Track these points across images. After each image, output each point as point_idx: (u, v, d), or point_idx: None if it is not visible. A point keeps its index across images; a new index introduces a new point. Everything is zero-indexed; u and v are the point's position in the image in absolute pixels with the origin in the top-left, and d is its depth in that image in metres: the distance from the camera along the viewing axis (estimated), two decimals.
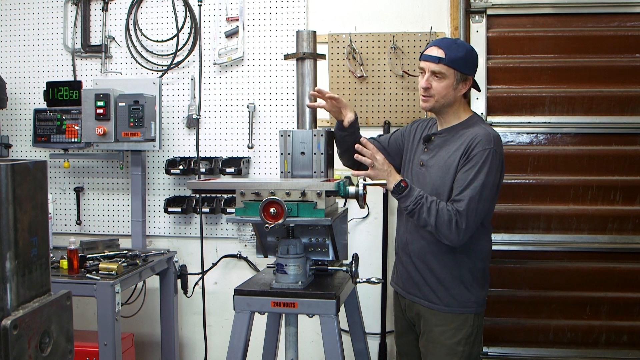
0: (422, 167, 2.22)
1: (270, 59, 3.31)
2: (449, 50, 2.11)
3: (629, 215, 3.08)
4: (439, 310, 2.18)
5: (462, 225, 2.02)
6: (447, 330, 2.16)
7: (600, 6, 3.06)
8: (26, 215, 0.86)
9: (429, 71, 2.13)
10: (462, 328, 2.16)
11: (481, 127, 2.16)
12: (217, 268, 3.42)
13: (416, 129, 2.36)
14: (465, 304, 2.18)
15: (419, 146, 2.28)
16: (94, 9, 3.47)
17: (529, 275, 3.13)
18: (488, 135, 2.09)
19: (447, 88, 2.13)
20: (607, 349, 3.11)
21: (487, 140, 2.07)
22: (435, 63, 2.11)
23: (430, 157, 2.21)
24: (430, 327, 2.20)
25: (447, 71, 2.11)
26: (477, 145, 2.06)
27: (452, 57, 2.10)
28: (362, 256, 2.56)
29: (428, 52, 2.15)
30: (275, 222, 2.00)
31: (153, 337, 3.47)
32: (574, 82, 3.10)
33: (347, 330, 2.59)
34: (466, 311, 2.17)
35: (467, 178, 2.05)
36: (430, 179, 2.17)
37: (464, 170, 2.07)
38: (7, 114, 3.54)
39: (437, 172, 2.15)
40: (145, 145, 3.15)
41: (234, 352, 2.18)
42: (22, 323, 0.82)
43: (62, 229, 3.51)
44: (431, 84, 2.13)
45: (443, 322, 2.17)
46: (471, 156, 2.06)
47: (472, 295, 2.18)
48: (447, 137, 2.20)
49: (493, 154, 2.06)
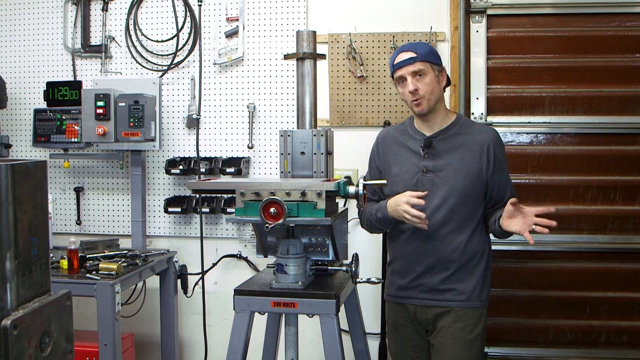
0: (427, 174, 2.21)
1: (270, 59, 3.31)
2: (417, 49, 2.19)
3: (629, 215, 3.08)
4: (460, 306, 2.20)
5: None
6: (467, 326, 2.19)
7: (600, 6, 3.06)
8: (26, 215, 0.86)
9: (409, 74, 2.16)
10: (479, 323, 2.21)
11: (481, 126, 2.31)
12: (217, 268, 3.42)
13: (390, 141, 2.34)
14: (482, 297, 2.23)
15: (413, 154, 2.25)
16: (94, 9, 3.47)
17: (529, 275, 3.13)
18: (496, 134, 2.27)
19: (432, 83, 2.18)
20: (607, 349, 3.11)
21: (498, 141, 2.26)
22: (412, 63, 2.15)
23: (435, 162, 2.21)
24: (449, 323, 2.20)
25: (425, 66, 2.16)
26: (494, 148, 2.21)
27: (422, 52, 2.17)
28: (362, 256, 2.56)
29: (399, 59, 2.19)
30: (275, 222, 2.00)
31: (153, 337, 3.47)
32: (574, 82, 3.10)
33: (347, 330, 2.59)
34: (483, 305, 2.23)
35: (505, 179, 2.24)
36: (447, 182, 2.18)
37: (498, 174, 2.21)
38: (7, 114, 3.54)
39: (455, 176, 2.18)
40: (145, 145, 3.15)
41: (234, 352, 2.18)
42: (22, 323, 0.82)
43: (62, 229, 3.51)
44: (417, 85, 2.16)
45: (464, 318, 2.20)
46: (497, 159, 2.21)
47: (486, 289, 2.25)
48: (447, 140, 2.22)
49: (504, 149, 2.29)
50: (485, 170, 2.19)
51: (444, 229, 2.19)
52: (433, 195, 2.18)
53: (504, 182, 2.24)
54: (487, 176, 2.19)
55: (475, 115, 3.13)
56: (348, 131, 3.26)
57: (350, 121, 3.26)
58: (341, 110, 3.26)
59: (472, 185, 2.17)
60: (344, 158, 3.22)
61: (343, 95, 3.25)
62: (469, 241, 2.20)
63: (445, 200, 2.17)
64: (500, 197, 2.22)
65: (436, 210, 2.18)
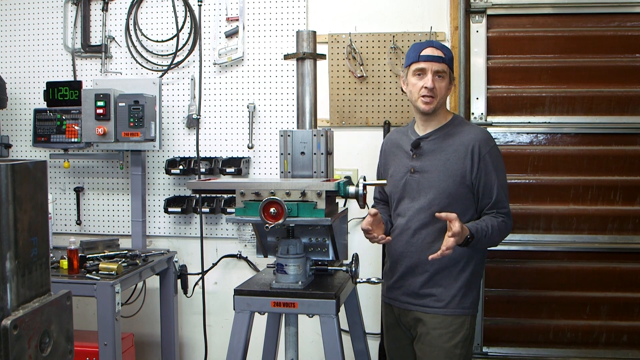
0: (414, 174, 2.21)
1: (270, 59, 3.31)
2: (445, 51, 2.18)
3: (629, 215, 3.08)
4: (436, 313, 2.17)
5: (511, 220, 2.19)
6: (446, 334, 2.15)
7: (600, 6, 3.07)
8: (26, 215, 0.86)
9: (431, 71, 2.13)
10: (459, 331, 2.15)
11: (471, 127, 2.24)
12: (217, 268, 3.42)
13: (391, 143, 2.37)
14: (464, 305, 2.17)
15: (405, 154, 2.26)
16: (94, 9, 3.47)
17: (529, 275, 3.13)
18: (483, 135, 2.19)
19: (447, 88, 2.20)
20: (607, 349, 3.11)
21: (486, 141, 2.17)
22: (439, 62, 2.13)
23: (422, 162, 2.20)
24: (427, 330, 2.18)
25: (446, 70, 2.17)
26: (480, 149, 2.14)
27: (448, 56, 2.17)
28: (362, 256, 2.56)
29: (428, 53, 2.14)
30: (275, 222, 2.00)
31: (153, 337, 3.47)
32: (574, 82, 3.10)
33: (347, 330, 2.59)
34: (465, 312, 2.17)
35: (491, 183, 2.14)
36: (430, 184, 2.16)
37: (483, 177, 2.14)
38: (7, 114, 3.54)
39: (439, 177, 2.15)
40: (145, 145, 3.15)
41: (234, 352, 2.17)
42: (22, 323, 0.82)
43: (62, 229, 3.51)
44: (436, 84, 2.14)
45: (442, 325, 2.16)
46: (483, 160, 2.14)
47: (471, 296, 2.19)
48: (437, 140, 2.20)
49: (496, 150, 2.19)
50: (469, 171, 2.14)
51: (425, 230, 2.17)
52: (417, 196, 2.18)
53: (491, 183, 2.14)
54: (471, 178, 2.14)
55: (475, 115, 3.13)
56: (348, 131, 3.27)
57: (350, 121, 3.26)
58: (341, 110, 3.26)
59: (455, 187, 2.13)
60: (344, 158, 3.22)
61: (343, 95, 3.25)
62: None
63: (429, 202, 2.15)
64: (488, 199, 2.16)
65: (419, 211, 2.18)
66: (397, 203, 2.28)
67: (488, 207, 2.16)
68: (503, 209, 2.16)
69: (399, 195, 2.26)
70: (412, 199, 2.21)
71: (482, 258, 2.26)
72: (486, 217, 2.15)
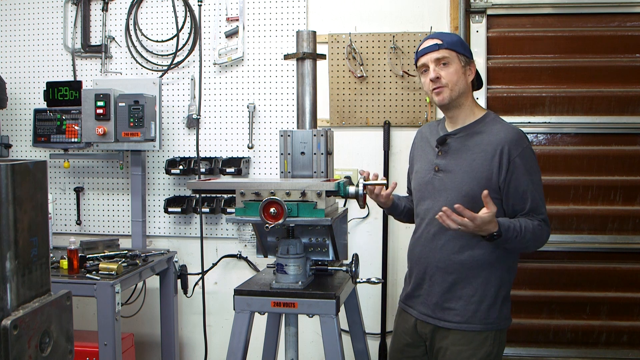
0: (438, 172, 2.07)
1: (270, 59, 3.31)
2: (444, 37, 2.05)
3: (629, 215, 3.09)
4: (457, 329, 2.02)
5: (549, 227, 2.00)
6: (466, 350, 2.00)
7: (600, 6, 3.07)
8: (26, 215, 0.86)
9: (432, 61, 2.01)
10: (481, 347, 1.99)
11: (503, 125, 2.04)
12: (217, 268, 3.42)
13: (420, 137, 2.26)
14: (489, 320, 2.01)
15: (432, 151, 2.13)
16: (94, 9, 3.47)
17: (529, 275, 3.13)
18: (515, 135, 1.99)
19: (457, 73, 2.01)
20: (607, 349, 3.11)
21: (517, 142, 1.98)
22: (436, 50, 2.02)
23: (448, 161, 2.05)
24: (447, 345, 2.03)
25: (450, 54, 2.01)
26: (510, 151, 1.95)
27: (449, 40, 2.03)
28: (362, 256, 2.56)
29: (424, 45, 2.07)
30: (275, 222, 2.00)
31: (153, 337, 3.47)
32: (574, 82, 3.10)
33: (347, 330, 2.59)
34: (488, 328, 2.01)
35: (523, 188, 1.96)
36: (454, 185, 2.02)
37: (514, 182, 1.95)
38: (7, 114, 3.54)
39: (463, 178, 2.00)
40: (145, 145, 3.15)
41: (234, 352, 2.17)
42: (22, 323, 0.82)
43: (62, 229, 3.51)
44: (439, 73, 2.01)
45: (462, 342, 2.00)
46: (513, 163, 1.95)
47: (496, 309, 2.02)
48: (464, 138, 2.05)
49: (529, 152, 2.00)
50: (496, 174, 1.95)
51: (445, 236, 2.02)
52: (439, 197, 2.04)
53: (524, 189, 1.95)
54: (498, 182, 1.95)
55: None
56: (348, 131, 3.27)
57: (350, 121, 3.26)
58: (341, 110, 3.26)
59: (480, 190, 1.88)
60: (344, 158, 3.22)
61: (343, 95, 3.25)
62: (475, 252, 1.99)
63: (450, 203, 1.89)
64: (521, 205, 1.97)
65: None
66: (417, 203, 2.17)
67: (522, 214, 1.98)
68: (540, 215, 1.98)
69: (421, 194, 2.14)
70: (433, 199, 2.07)
71: (511, 265, 2.07)
72: (521, 218, 1.96)
